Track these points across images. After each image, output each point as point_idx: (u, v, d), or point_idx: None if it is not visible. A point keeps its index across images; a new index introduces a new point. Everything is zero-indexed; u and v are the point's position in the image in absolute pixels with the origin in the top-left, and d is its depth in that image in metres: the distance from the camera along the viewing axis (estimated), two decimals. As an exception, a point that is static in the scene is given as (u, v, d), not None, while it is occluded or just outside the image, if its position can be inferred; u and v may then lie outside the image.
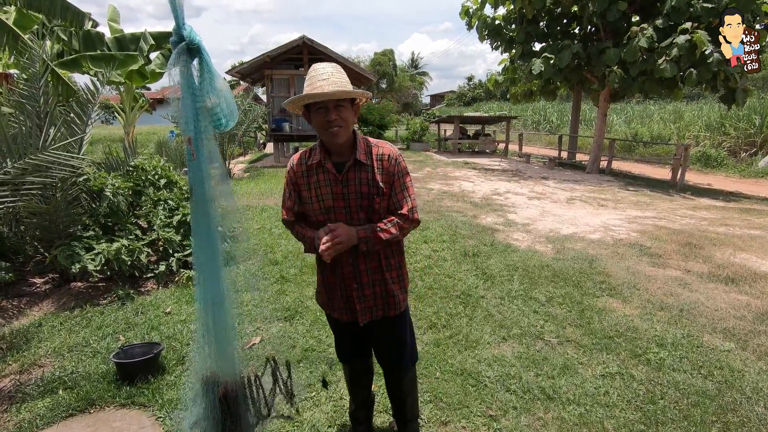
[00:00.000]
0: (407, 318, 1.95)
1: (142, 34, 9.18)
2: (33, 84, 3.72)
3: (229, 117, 1.52)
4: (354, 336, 1.94)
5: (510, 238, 5.60)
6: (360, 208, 1.68)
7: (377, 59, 40.66)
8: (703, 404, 2.45)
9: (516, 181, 10.82)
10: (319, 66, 1.63)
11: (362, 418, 2.19)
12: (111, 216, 4.09)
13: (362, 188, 1.66)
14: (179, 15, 1.18)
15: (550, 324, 3.36)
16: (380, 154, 1.69)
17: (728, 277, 4.32)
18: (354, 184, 1.67)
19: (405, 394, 2.04)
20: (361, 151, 1.67)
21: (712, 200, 9.22)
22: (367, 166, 1.67)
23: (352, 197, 1.67)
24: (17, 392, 2.49)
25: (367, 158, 1.67)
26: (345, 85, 1.60)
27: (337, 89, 1.55)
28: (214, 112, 1.44)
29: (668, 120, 19.58)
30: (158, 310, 3.49)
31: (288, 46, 13.17)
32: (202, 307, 1.56)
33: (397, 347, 1.92)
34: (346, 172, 1.66)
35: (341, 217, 1.68)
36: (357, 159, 1.66)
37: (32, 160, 3.09)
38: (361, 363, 2.06)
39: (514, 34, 12.80)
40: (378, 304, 1.81)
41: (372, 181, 1.67)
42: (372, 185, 1.67)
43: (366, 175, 1.67)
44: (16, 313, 3.47)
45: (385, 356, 1.96)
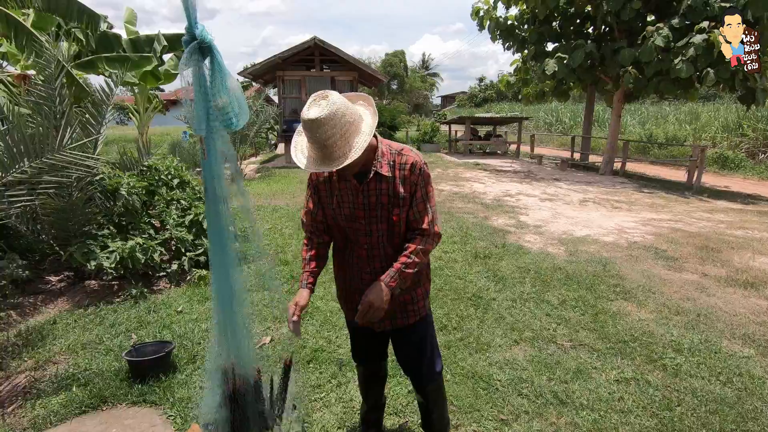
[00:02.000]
0: (428, 323, 1.85)
1: (156, 35, 9.31)
2: (49, 85, 3.78)
3: (239, 116, 1.51)
4: (369, 340, 1.90)
5: (522, 239, 5.54)
6: (380, 219, 1.63)
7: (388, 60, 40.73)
8: (722, 412, 2.38)
9: (528, 182, 10.72)
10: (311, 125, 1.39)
11: (373, 420, 2.16)
12: (125, 215, 4.14)
13: (382, 198, 1.60)
14: (191, 14, 1.19)
15: (563, 327, 3.31)
16: (403, 162, 1.60)
17: (747, 282, 4.21)
18: (375, 195, 1.60)
19: (431, 404, 1.94)
20: (383, 162, 1.59)
21: (729, 203, 9.03)
22: (388, 177, 1.59)
23: (372, 208, 1.61)
24: (32, 388, 2.52)
25: (389, 169, 1.59)
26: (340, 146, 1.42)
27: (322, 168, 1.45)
28: (225, 112, 1.44)
29: (684, 121, 19.24)
30: (170, 308, 3.52)
31: (299, 48, 13.23)
32: (217, 306, 1.57)
33: (417, 355, 1.84)
34: (367, 183, 1.59)
35: (362, 228, 1.64)
36: (378, 172, 1.58)
37: (49, 160, 3.14)
38: (374, 365, 2.02)
39: (526, 34, 12.69)
40: (396, 313, 1.74)
41: (392, 191, 1.59)
42: (392, 195, 1.60)
43: (386, 186, 1.59)
44: (32, 310, 3.52)
45: (406, 364, 1.89)
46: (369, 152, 1.56)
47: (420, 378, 1.88)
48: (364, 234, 1.65)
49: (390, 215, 1.62)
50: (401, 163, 1.60)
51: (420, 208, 1.62)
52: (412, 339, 1.83)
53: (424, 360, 1.85)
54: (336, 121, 1.40)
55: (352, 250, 1.71)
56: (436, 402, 1.95)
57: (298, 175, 10.93)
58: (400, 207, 1.61)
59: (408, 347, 1.85)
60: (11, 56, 6.89)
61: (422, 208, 1.63)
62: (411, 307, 1.76)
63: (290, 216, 6.42)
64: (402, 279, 1.60)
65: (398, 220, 1.63)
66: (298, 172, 11.55)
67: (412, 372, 1.89)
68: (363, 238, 1.66)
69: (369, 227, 1.64)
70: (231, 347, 1.58)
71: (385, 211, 1.61)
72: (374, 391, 2.10)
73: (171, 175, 4.81)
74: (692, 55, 8.98)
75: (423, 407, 1.99)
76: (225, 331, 1.56)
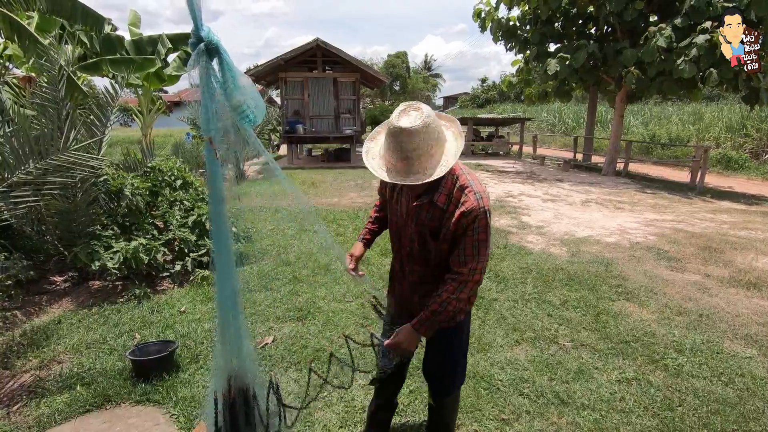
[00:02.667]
0: (463, 331, 1.79)
1: (159, 36, 9.36)
2: (53, 87, 3.81)
3: (256, 112, 1.52)
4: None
5: (524, 240, 5.54)
6: (420, 238, 1.62)
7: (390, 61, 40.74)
8: (724, 412, 2.38)
9: (530, 183, 10.72)
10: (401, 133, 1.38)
11: (381, 420, 2.08)
12: (129, 215, 4.17)
13: (430, 223, 1.57)
14: (197, 16, 1.20)
15: (565, 328, 3.31)
16: (461, 202, 1.50)
17: (750, 282, 4.21)
18: (425, 215, 1.58)
19: (443, 415, 1.92)
20: (443, 191, 1.53)
21: (733, 203, 8.99)
22: (442, 208, 1.53)
23: (418, 224, 1.60)
24: (37, 387, 2.54)
25: (445, 201, 1.53)
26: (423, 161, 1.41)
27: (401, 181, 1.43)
28: (242, 110, 1.45)
29: (687, 121, 19.16)
30: (173, 309, 3.54)
31: (302, 49, 13.26)
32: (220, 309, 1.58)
33: (442, 359, 1.81)
34: (421, 205, 1.57)
35: (407, 233, 1.66)
36: (433, 201, 1.54)
37: (53, 161, 3.17)
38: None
39: (528, 35, 12.68)
40: None
41: (440, 222, 1.55)
42: (438, 225, 1.55)
43: (438, 213, 1.55)
44: (36, 310, 3.55)
45: (429, 369, 1.86)
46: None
47: (440, 388, 1.86)
48: (407, 238, 1.68)
49: (430, 241, 1.60)
50: (461, 201, 1.50)
51: (468, 253, 1.52)
52: (441, 344, 1.78)
53: (446, 368, 1.81)
54: (427, 135, 1.38)
55: (398, 245, 1.76)
56: (450, 413, 1.95)
57: (300, 176, 10.96)
58: (439, 240, 1.57)
59: (433, 356, 1.82)
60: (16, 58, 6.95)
61: (470, 253, 1.52)
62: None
63: (292, 217, 6.44)
64: (431, 327, 1.59)
65: (435, 249, 1.60)
66: (299, 173, 11.58)
67: (432, 379, 1.87)
68: (406, 241, 1.69)
69: (413, 236, 1.64)
70: (233, 348, 1.59)
71: (427, 233, 1.60)
72: (389, 388, 2.01)
73: (174, 176, 4.84)
74: (695, 56, 8.95)
75: (433, 413, 1.96)
76: (228, 331, 1.57)
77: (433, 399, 1.90)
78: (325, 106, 14.28)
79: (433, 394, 1.89)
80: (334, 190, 8.94)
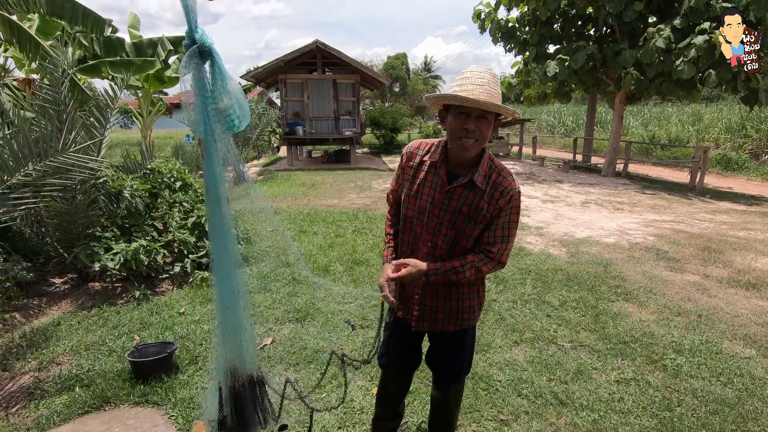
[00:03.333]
0: (472, 333, 1.81)
1: (159, 39, 9.38)
2: (56, 89, 3.82)
3: (241, 118, 1.53)
4: (404, 340, 1.82)
5: (523, 241, 5.54)
6: (453, 225, 1.58)
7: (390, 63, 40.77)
8: (722, 412, 2.38)
9: (530, 184, 10.72)
10: (476, 69, 1.48)
11: (388, 429, 2.06)
12: (129, 217, 4.18)
13: (463, 208, 1.56)
14: (192, 18, 1.21)
15: (564, 328, 3.31)
16: (498, 182, 1.54)
17: (749, 283, 4.21)
18: (457, 200, 1.56)
19: (447, 403, 1.91)
20: (481, 172, 1.54)
21: (732, 204, 9.00)
22: (480, 190, 1.54)
23: (449, 212, 1.57)
24: (36, 389, 2.55)
25: (483, 182, 1.54)
26: (497, 98, 1.47)
27: (490, 100, 1.42)
28: (227, 114, 1.46)
29: (687, 122, 19.18)
30: (173, 310, 3.55)
31: (302, 51, 13.29)
32: (219, 307, 1.58)
33: (452, 360, 1.81)
34: (456, 187, 1.56)
35: (431, 225, 1.60)
36: (473, 179, 1.54)
37: (53, 163, 3.18)
38: (402, 373, 1.92)
39: (527, 36, 12.71)
40: (438, 318, 1.70)
41: (476, 206, 1.55)
42: (474, 209, 1.55)
43: (474, 197, 1.55)
44: (36, 311, 3.55)
45: (433, 362, 1.87)
46: (473, 159, 1.55)
47: (445, 376, 1.86)
48: (430, 232, 1.61)
49: (464, 227, 1.57)
50: (496, 182, 1.54)
51: (498, 234, 1.57)
52: (451, 346, 1.78)
53: (454, 366, 1.82)
54: (493, 76, 1.49)
55: (414, 245, 1.67)
56: (454, 402, 1.93)
57: (299, 177, 10.97)
58: (476, 223, 1.56)
59: (446, 352, 1.81)
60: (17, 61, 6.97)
61: (500, 234, 1.57)
62: (456, 316, 1.70)
63: (292, 218, 6.45)
64: (443, 279, 1.57)
65: (469, 235, 1.59)
66: (299, 175, 11.60)
67: (437, 369, 1.87)
68: (428, 236, 1.62)
69: (439, 227, 1.60)
70: (233, 348, 1.59)
71: (460, 220, 1.57)
72: (397, 400, 2.00)
73: (174, 177, 4.84)
74: (694, 56, 8.97)
75: (435, 404, 1.95)
76: (227, 332, 1.58)
77: (438, 386, 1.90)
78: (325, 108, 14.30)
79: (437, 380, 1.90)
80: (333, 192, 8.95)
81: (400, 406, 2.07)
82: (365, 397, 2.48)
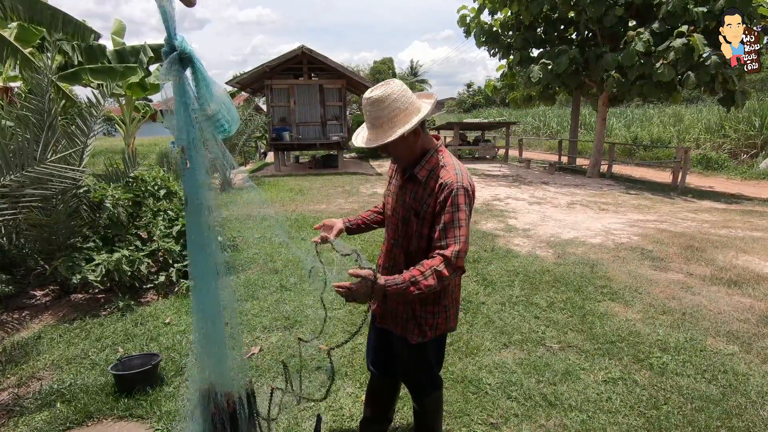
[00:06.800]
0: (428, 351, 1.77)
1: (142, 46, 9.28)
2: (37, 97, 3.74)
3: (231, 122, 1.52)
4: (380, 340, 1.89)
5: (511, 243, 5.58)
6: (405, 221, 1.65)
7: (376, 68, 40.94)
8: (708, 409, 2.41)
9: (516, 186, 10.82)
10: (366, 97, 1.50)
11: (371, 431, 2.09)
12: (111, 227, 4.10)
13: (413, 204, 1.61)
14: (170, 25, 1.19)
15: (552, 329, 3.33)
16: (439, 176, 1.56)
17: (731, 280, 4.29)
18: (408, 195, 1.64)
19: (425, 414, 1.92)
20: (426, 167, 1.60)
21: (713, 203, 9.19)
22: (423, 183, 1.59)
23: (404, 207, 1.66)
24: (15, 406, 2.47)
25: (425, 175, 1.59)
26: (388, 120, 1.49)
27: (374, 139, 1.51)
28: (216, 119, 1.44)
29: (668, 123, 19.58)
30: (158, 320, 3.48)
31: (287, 56, 13.25)
32: (199, 318, 1.55)
33: (413, 371, 1.83)
34: (406, 182, 1.66)
35: (393, 221, 1.72)
36: (413, 173, 1.61)
37: (30, 173, 3.11)
38: (385, 375, 1.95)
39: (511, 40, 12.87)
40: (397, 320, 1.73)
41: (421, 199, 1.59)
42: (419, 203, 1.59)
43: (419, 191, 1.60)
44: (16, 325, 3.46)
45: (405, 381, 1.91)
46: (415, 150, 1.60)
47: (418, 390, 1.88)
48: (391, 228, 1.74)
49: (413, 221, 1.63)
50: (437, 175, 1.57)
51: (448, 234, 1.50)
52: (408, 356, 1.79)
53: (419, 377, 1.83)
54: (387, 104, 1.48)
55: (385, 242, 1.81)
56: (432, 415, 1.94)
57: (287, 183, 10.91)
58: (421, 219, 1.59)
59: (404, 361, 1.83)
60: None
61: (449, 235, 1.50)
62: (415, 323, 1.68)
63: (281, 225, 6.39)
64: (402, 293, 1.46)
65: (413, 232, 1.63)
66: (287, 180, 11.53)
67: (407, 383, 1.91)
68: (391, 232, 1.75)
69: (397, 224, 1.70)
70: (213, 366, 1.55)
71: (411, 215, 1.63)
72: (382, 403, 2.03)
73: (158, 185, 4.77)
74: (673, 59, 9.18)
75: (416, 414, 1.98)
76: (206, 349, 1.54)
77: (413, 400, 1.94)
78: (312, 113, 14.27)
79: (412, 397, 1.94)
80: (321, 197, 8.92)
81: (390, 411, 2.10)
82: (354, 405, 2.46)
